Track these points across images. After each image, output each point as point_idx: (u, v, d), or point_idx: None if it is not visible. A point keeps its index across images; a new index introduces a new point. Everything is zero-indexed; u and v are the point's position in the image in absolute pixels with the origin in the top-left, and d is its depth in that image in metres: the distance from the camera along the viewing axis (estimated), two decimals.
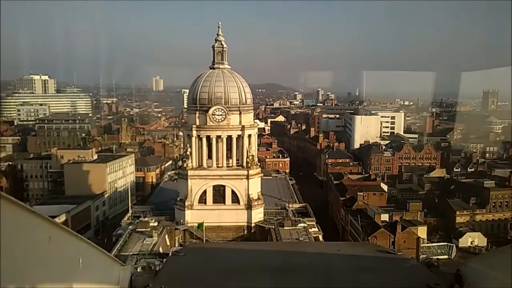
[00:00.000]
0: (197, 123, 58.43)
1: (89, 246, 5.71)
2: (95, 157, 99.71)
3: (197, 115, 58.44)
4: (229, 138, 58.94)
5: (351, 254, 5.94)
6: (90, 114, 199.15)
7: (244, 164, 59.28)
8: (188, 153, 59.08)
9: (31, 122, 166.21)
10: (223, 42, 59.52)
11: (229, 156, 59.66)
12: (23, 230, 3.94)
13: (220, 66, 59.77)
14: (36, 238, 4.23)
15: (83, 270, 5.40)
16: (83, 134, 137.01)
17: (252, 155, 59.71)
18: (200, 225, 51.58)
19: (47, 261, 4.39)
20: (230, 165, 59.62)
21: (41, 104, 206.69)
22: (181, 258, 5.90)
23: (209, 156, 59.26)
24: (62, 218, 73.55)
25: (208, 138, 58.70)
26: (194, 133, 58.44)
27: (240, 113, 58.75)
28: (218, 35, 59.48)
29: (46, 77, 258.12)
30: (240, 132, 58.80)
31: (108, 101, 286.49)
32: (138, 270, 7.97)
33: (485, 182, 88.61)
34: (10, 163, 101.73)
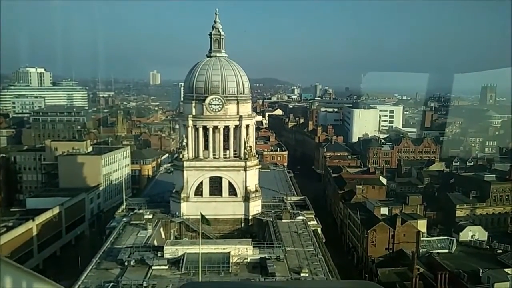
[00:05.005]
0: (194, 113, 56.79)
1: None
2: (90, 149, 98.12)
3: (193, 104, 56.78)
4: (226, 128, 57.33)
5: None
6: (86, 107, 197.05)
7: (242, 155, 57.73)
8: (184, 144, 57.40)
9: (26, 115, 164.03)
10: (220, 30, 57.72)
11: (226, 147, 58.06)
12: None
13: (217, 54, 58.01)
14: None
15: None
16: (79, 127, 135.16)
17: (250, 146, 58.16)
18: (205, 220, 48.67)
19: None
20: (227, 156, 58.09)
21: (36, 97, 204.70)
22: None
23: (206, 147, 57.70)
24: (56, 210, 72.16)
25: (205, 128, 57.05)
26: (190, 123, 56.80)
27: (237, 103, 57.13)
28: (215, 22, 57.61)
29: (42, 70, 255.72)
30: (237, 122, 57.19)
31: (105, 95, 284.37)
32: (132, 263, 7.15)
33: (485, 175, 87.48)
34: (4, 155, 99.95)
